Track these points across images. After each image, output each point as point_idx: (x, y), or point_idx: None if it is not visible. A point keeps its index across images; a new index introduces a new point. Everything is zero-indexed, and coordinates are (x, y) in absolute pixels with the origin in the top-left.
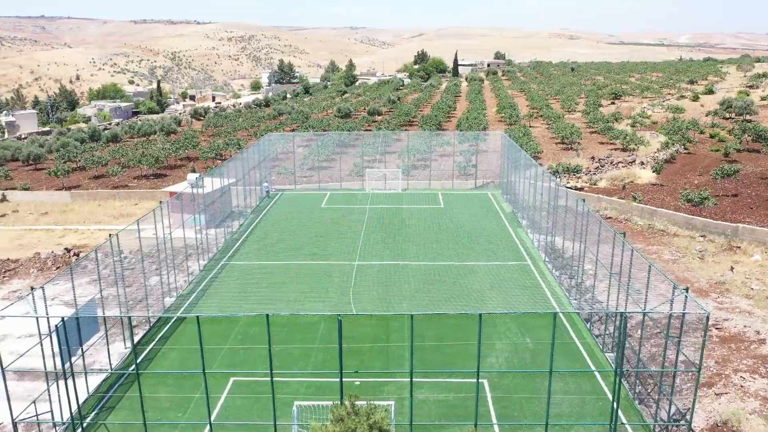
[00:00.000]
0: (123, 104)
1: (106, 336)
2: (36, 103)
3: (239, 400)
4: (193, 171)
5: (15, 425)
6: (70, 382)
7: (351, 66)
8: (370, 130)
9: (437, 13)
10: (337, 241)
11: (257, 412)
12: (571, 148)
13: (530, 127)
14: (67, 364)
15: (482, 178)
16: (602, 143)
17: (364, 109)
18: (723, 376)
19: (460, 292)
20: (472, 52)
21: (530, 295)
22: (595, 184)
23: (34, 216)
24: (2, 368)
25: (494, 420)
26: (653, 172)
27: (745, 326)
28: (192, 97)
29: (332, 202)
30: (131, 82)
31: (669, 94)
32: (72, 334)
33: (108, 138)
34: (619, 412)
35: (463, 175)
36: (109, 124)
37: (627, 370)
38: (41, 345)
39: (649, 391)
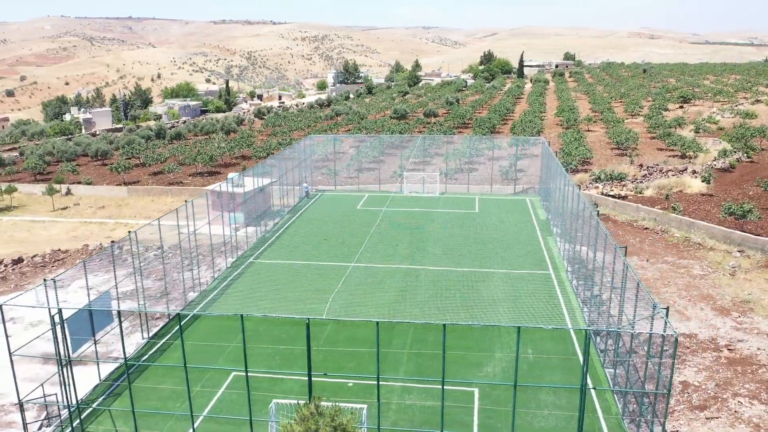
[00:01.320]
0: (192, 103)
1: (120, 327)
2: (113, 101)
3: (235, 395)
4: (245, 169)
5: (21, 405)
6: (78, 368)
7: (416, 66)
8: (422, 132)
9: (511, 13)
10: (361, 243)
11: (248, 408)
12: (625, 154)
13: (588, 131)
14: (76, 352)
15: (523, 184)
16: (661, 149)
17: (422, 110)
18: (719, 399)
19: (471, 299)
20: (544, 52)
21: (542, 306)
22: (640, 193)
23: (92, 209)
24: (10, 353)
25: (475, 430)
26: (703, 181)
27: (759, 349)
28: (260, 97)
29: (368, 204)
30: (208, 81)
31: (743, 98)
32: (83, 324)
33: (172, 136)
34: (605, 431)
35: (506, 180)
36: (176, 122)
37: (594, 388)
38: (54, 333)
39: (642, 410)
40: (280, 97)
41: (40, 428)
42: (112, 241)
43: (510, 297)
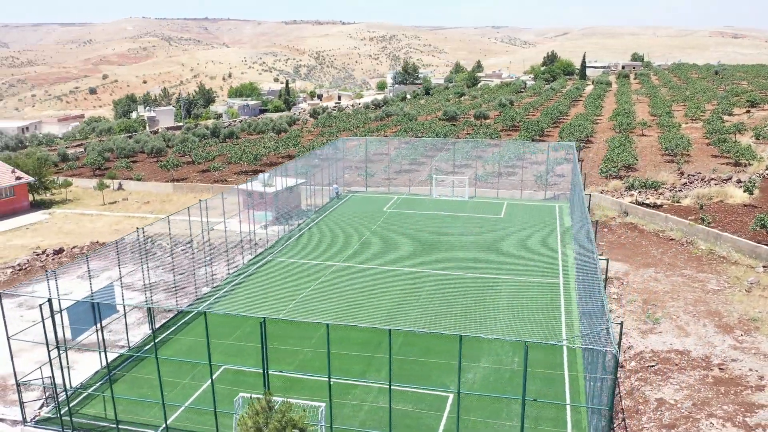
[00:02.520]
0: (251, 102)
1: (125, 318)
2: (179, 99)
3: (218, 387)
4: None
5: (18, 385)
6: (85, 354)
7: (478, 67)
8: (469, 134)
9: (585, 11)
10: (378, 245)
11: (229, 400)
12: (674, 161)
13: (642, 135)
14: (76, 339)
15: (555, 190)
16: (715, 156)
17: (473, 112)
18: (691, 419)
19: (471, 305)
20: (616, 52)
21: (539, 315)
22: (678, 202)
23: (138, 204)
24: (8, 336)
25: None
26: (745, 191)
27: (751, 369)
28: (319, 97)
29: (396, 207)
30: (276, 80)
31: None
32: (84, 313)
33: (225, 135)
34: None
35: (541, 186)
36: (233, 121)
37: (535, 400)
38: (42, 321)
39: (597, 426)
40: (339, 97)
41: (41, 407)
42: (146, 236)
43: (511, 305)
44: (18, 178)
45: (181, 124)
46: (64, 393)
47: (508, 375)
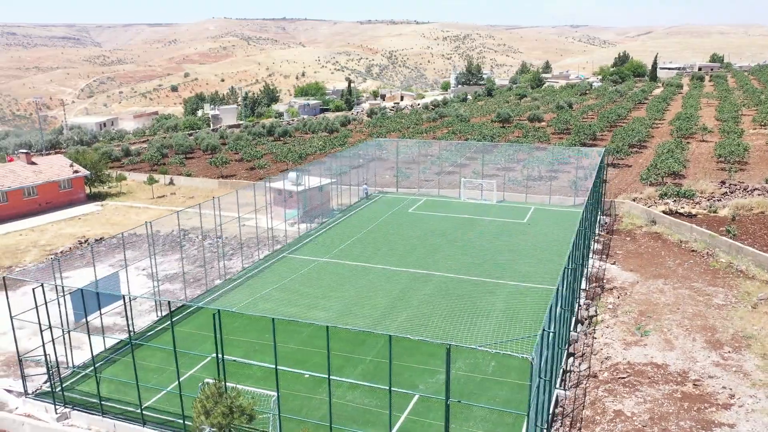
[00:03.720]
0: (312, 102)
1: (130, 305)
2: (245, 98)
3: (204, 374)
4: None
5: (20, 361)
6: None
7: (546, 67)
8: (518, 137)
9: (671, 8)
10: (391, 245)
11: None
12: (724, 169)
13: (702, 141)
14: (78, 322)
15: (584, 196)
16: None
17: (528, 114)
18: (637, 431)
19: (463, 308)
20: (702, 52)
21: (526, 320)
22: (714, 212)
23: (183, 199)
24: (11, 317)
25: (393, 430)
26: None
27: (724, 387)
28: (382, 96)
29: (422, 208)
30: (347, 79)
31: None
32: (87, 300)
33: (279, 133)
34: None
35: (576, 191)
36: (292, 120)
37: (459, 401)
38: (36, 305)
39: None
40: (401, 98)
41: (45, 382)
42: (182, 229)
43: (503, 310)
44: (76, 171)
45: (239, 122)
46: (64, 371)
47: (479, 379)
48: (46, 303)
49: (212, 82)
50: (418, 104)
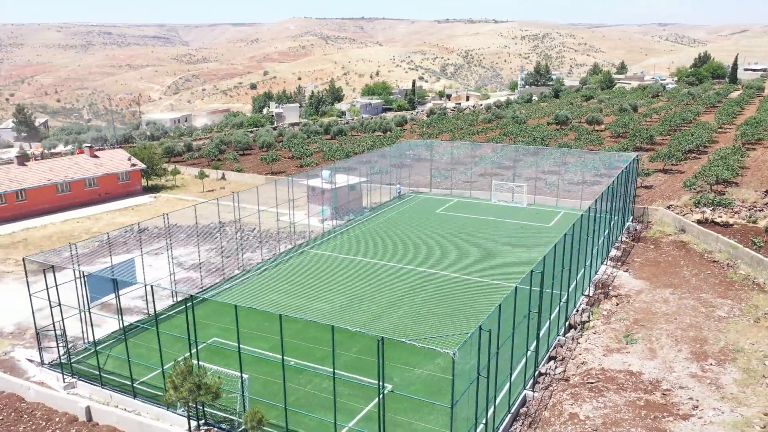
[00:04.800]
0: (374, 101)
1: (145, 291)
2: (311, 96)
3: (202, 356)
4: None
5: (38, 334)
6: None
7: (622, 67)
8: (570, 140)
9: None
10: (409, 244)
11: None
12: None
13: None
14: (93, 303)
15: (610, 201)
16: None
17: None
18: None
19: (457, 308)
20: None
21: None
22: (754, 222)
23: (230, 193)
24: (30, 295)
25: (355, 419)
26: None
27: (691, 398)
28: (448, 96)
29: (450, 209)
30: (421, 78)
31: None
32: (103, 283)
33: (335, 132)
34: None
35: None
36: (351, 119)
37: (393, 391)
38: (47, 287)
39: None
40: (467, 98)
41: (63, 354)
42: (220, 222)
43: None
44: (133, 165)
45: (299, 120)
46: (79, 346)
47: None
48: (56, 284)
49: (289, 81)
50: (481, 105)
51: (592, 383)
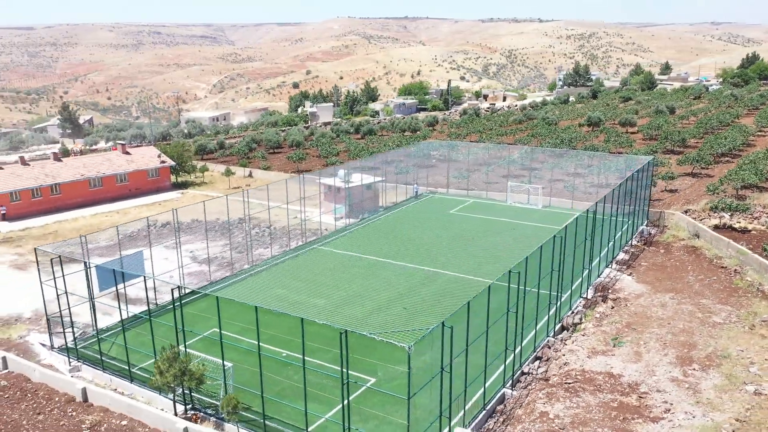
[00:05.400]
0: (408, 101)
1: (145, 283)
2: (346, 96)
3: (201, 345)
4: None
5: (48, 319)
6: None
7: (666, 68)
8: (598, 142)
9: None
10: (417, 243)
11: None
12: None
13: None
14: (101, 292)
15: (633, 205)
16: None
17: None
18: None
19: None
20: None
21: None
22: None
23: (254, 191)
24: (41, 282)
25: (334, 410)
26: None
27: (665, 401)
28: (485, 96)
29: (464, 210)
30: (462, 78)
31: None
32: (110, 274)
33: (365, 131)
34: None
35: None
36: (385, 118)
37: (357, 382)
38: (54, 276)
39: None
40: (504, 98)
41: (71, 340)
42: (239, 218)
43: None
44: (162, 162)
45: (331, 120)
46: (88, 332)
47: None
48: (63, 274)
49: (331, 80)
50: (516, 105)
51: (569, 384)
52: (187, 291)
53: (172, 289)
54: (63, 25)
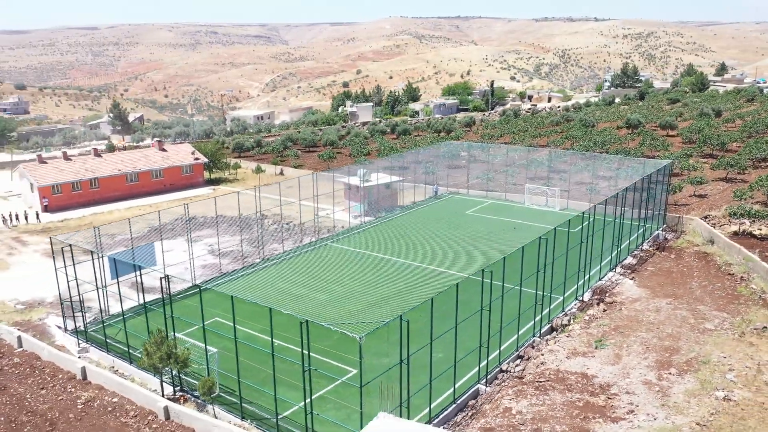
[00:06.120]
0: (448, 101)
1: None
2: (388, 95)
3: (195, 334)
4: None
5: (62, 303)
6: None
7: (722, 69)
8: (633, 145)
9: None
10: (427, 243)
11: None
12: None
13: None
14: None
15: (650, 209)
16: None
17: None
18: (512, 428)
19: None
20: None
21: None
22: None
23: (283, 188)
24: (56, 268)
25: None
26: None
27: (631, 403)
28: (529, 97)
29: (481, 211)
30: (512, 78)
31: None
32: (124, 263)
33: (399, 132)
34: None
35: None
36: (422, 119)
37: (317, 369)
38: (73, 264)
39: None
40: (549, 99)
41: (83, 323)
42: (261, 213)
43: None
44: (196, 159)
45: (369, 120)
46: (98, 317)
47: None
48: (74, 262)
49: (381, 79)
50: (558, 107)
51: (541, 382)
52: (182, 282)
53: (160, 279)
54: (125, 25)
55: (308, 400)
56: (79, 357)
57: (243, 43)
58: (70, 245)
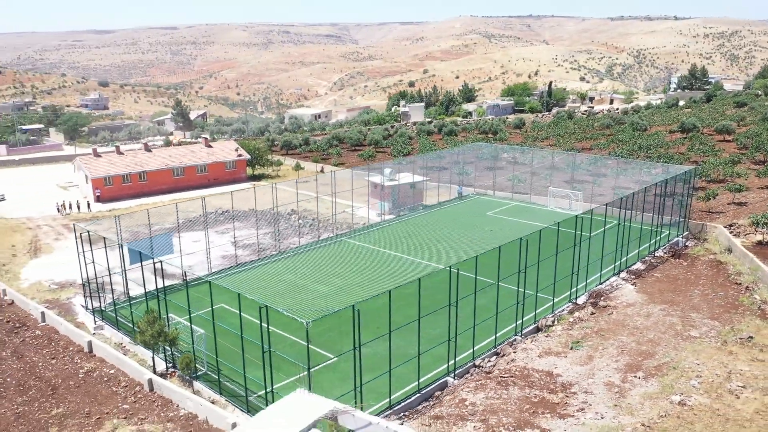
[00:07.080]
0: (502, 102)
1: (180, 259)
2: (445, 95)
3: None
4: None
5: (83, 285)
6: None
7: None
8: (680, 152)
9: None
10: (439, 241)
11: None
12: None
13: None
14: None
15: (672, 215)
16: None
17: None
18: (460, 417)
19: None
20: None
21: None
22: None
23: (320, 185)
24: (78, 254)
25: (283, 382)
26: None
27: (585, 402)
28: (591, 99)
29: (502, 213)
30: (582, 79)
31: None
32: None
33: (446, 132)
34: None
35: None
36: (474, 119)
37: (275, 351)
38: (91, 251)
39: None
40: (611, 101)
41: (100, 304)
42: (292, 210)
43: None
44: (239, 155)
45: (421, 119)
46: (118, 298)
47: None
48: (92, 249)
49: (447, 79)
50: (617, 109)
51: (504, 378)
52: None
53: (161, 268)
54: (203, 25)
55: (268, 376)
56: (94, 333)
57: (314, 43)
58: (88, 231)
